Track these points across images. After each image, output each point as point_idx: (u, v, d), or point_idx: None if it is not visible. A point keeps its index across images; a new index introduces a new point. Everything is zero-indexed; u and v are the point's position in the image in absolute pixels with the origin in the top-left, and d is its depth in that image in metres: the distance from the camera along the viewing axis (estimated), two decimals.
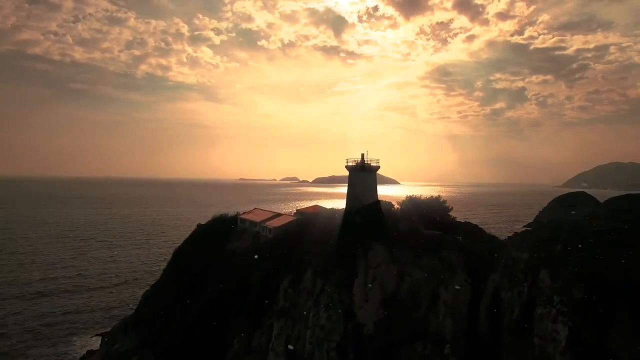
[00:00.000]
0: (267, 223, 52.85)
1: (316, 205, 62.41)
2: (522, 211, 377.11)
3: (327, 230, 45.06)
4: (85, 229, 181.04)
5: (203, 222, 65.99)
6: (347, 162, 50.44)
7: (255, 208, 66.35)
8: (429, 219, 51.35)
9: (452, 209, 54.96)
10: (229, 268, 48.13)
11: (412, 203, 55.47)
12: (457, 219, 57.87)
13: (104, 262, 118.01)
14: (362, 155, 50.57)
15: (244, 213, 63.43)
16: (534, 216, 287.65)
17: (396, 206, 59.05)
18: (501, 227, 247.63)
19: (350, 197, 50.70)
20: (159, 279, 61.91)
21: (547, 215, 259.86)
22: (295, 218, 52.37)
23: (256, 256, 46.07)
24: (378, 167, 51.60)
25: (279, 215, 56.64)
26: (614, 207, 45.92)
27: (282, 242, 46.56)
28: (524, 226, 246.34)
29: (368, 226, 42.15)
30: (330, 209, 58.78)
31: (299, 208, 64.01)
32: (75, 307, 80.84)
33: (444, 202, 54.78)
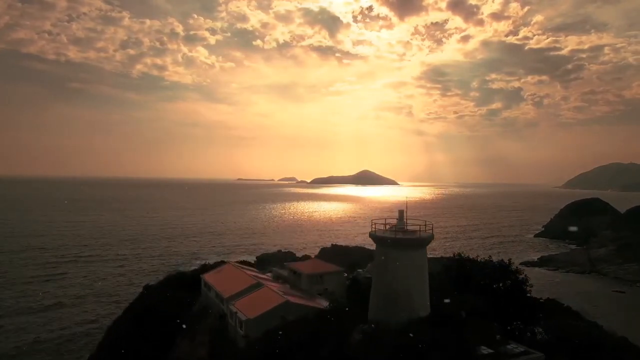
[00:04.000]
0: (239, 304, 33.45)
1: (315, 261, 43.34)
2: (528, 215, 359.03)
3: (340, 336, 25.39)
4: (62, 242, 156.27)
5: (156, 274, 48.01)
6: (373, 226, 27.15)
7: (228, 263, 46.28)
8: (488, 293, 32.32)
9: (530, 285, 34.51)
10: None
11: (461, 265, 36.24)
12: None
13: (69, 293, 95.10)
14: (401, 212, 27.10)
15: (211, 270, 43.83)
16: (542, 222, 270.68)
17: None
18: (510, 235, 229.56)
19: (379, 292, 26.73)
20: None
21: (561, 223, 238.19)
22: (284, 301, 32.57)
23: None
24: (431, 237, 27.62)
25: (257, 286, 36.85)
26: None
27: None
28: (536, 235, 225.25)
29: None
30: (336, 272, 39.95)
31: (289, 263, 44.65)
32: None
33: (518, 272, 34.61)
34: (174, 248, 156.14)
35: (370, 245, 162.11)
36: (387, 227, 25.90)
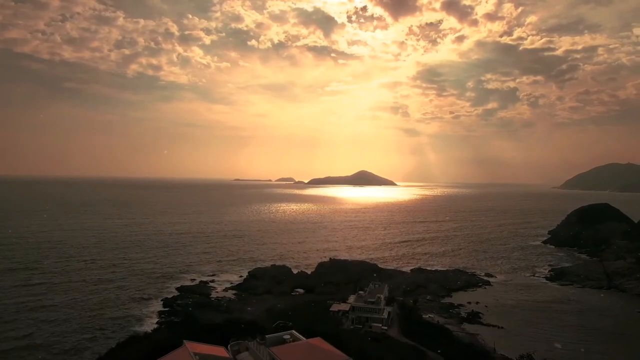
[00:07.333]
0: None
1: (308, 346, 30.78)
2: (531, 219, 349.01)
3: None
4: (40, 256, 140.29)
5: None
6: None
7: (185, 346, 31.78)
8: None
9: None
10: None
11: None
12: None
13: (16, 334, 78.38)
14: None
15: (164, 357, 30.40)
16: (546, 226, 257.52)
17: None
18: (515, 243, 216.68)
19: None
20: None
21: (568, 230, 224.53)
22: None
23: None
24: None
25: None
26: None
27: None
28: (542, 242, 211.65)
29: None
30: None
31: (272, 345, 32.59)
32: None
33: None
34: (162, 263, 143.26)
35: (371, 258, 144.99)
36: None
